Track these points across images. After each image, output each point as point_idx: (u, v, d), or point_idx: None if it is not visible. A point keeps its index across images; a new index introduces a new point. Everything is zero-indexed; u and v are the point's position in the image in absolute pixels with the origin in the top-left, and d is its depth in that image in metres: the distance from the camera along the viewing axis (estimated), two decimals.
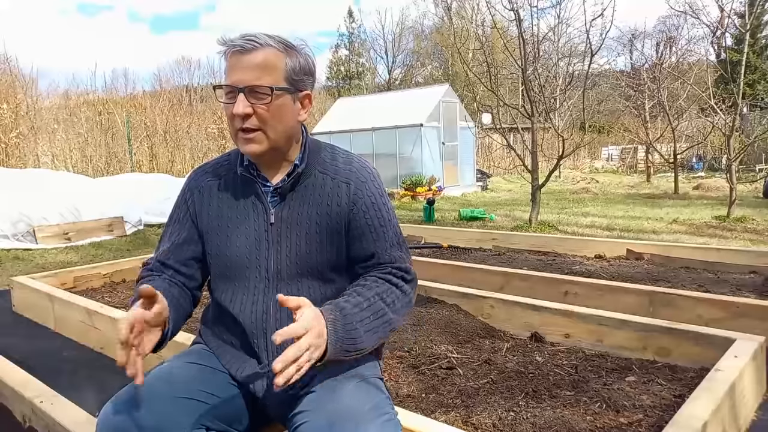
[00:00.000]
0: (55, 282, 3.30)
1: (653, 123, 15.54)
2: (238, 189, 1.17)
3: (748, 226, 5.75)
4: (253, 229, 1.14)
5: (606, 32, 6.01)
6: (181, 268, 1.19)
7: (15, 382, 1.82)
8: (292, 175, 1.14)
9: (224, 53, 1.08)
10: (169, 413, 0.97)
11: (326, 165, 1.18)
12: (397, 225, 1.21)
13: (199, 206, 1.20)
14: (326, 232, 1.14)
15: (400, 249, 1.18)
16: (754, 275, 3.27)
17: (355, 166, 1.19)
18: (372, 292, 1.08)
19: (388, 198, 1.23)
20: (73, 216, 5.73)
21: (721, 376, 1.56)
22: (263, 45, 1.06)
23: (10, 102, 10.38)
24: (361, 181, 1.17)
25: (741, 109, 6.59)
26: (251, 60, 1.06)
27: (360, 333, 1.02)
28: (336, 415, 0.94)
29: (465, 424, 1.58)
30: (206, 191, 1.20)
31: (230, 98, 1.07)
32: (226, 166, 1.22)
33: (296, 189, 1.15)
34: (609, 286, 2.70)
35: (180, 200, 1.24)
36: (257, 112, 1.07)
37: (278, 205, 1.14)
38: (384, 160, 11.64)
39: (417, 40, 33.32)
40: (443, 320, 2.50)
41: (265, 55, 1.06)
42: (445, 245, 4.77)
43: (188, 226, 1.20)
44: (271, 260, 1.13)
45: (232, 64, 1.07)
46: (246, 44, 1.05)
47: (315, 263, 1.13)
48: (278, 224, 1.13)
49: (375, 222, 1.16)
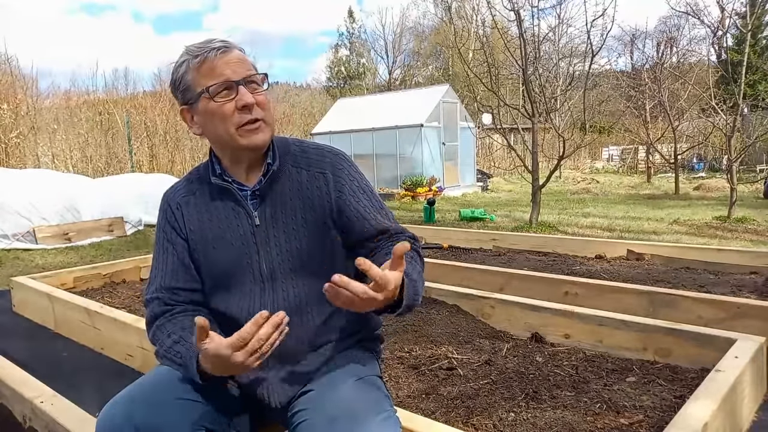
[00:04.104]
0: (55, 282, 3.30)
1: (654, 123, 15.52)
2: (215, 199, 1.16)
3: (748, 227, 5.75)
4: (238, 234, 1.13)
5: (607, 32, 6.00)
6: (194, 285, 1.17)
7: (15, 382, 1.82)
8: (268, 175, 1.13)
9: (200, 60, 1.06)
10: (169, 414, 0.97)
11: (298, 158, 1.18)
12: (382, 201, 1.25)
13: (181, 222, 1.17)
14: (313, 224, 1.14)
15: (396, 220, 1.23)
16: (754, 276, 3.27)
17: (328, 155, 1.19)
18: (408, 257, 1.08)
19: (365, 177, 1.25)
20: (73, 216, 5.73)
21: (721, 376, 1.56)
22: (233, 45, 1.11)
23: (10, 102, 10.40)
24: (338, 168, 1.17)
25: (742, 109, 6.59)
26: (234, 56, 1.08)
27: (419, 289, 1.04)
28: (335, 414, 0.94)
29: (465, 425, 1.58)
30: (184, 206, 1.18)
31: (225, 96, 1.06)
32: (198, 179, 1.20)
33: (274, 188, 1.14)
34: (609, 287, 2.70)
35: (161, 222, 1.21)
36: (258, 101, 1.08)
37: (260, 206, 1.14)
38: (384, 161, 11.65)
39: (417, 41, 33.32)
40: (443, 321, 2.50)
41: (239, 52, 1.11)
42: (445, 245, 4.77)
43: (180, 243, 1.17)
44: (263, 262, 1.12)
45: (218, 63, 1.06)
46: (225, 44, 1.08)
47: (307, 257, 1.13)
48: (263, 225, 1.13)
49: (368, 202, 1.18)
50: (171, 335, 1.08)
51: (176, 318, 1.12)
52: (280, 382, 1.10)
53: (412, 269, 1.05)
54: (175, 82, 1.12)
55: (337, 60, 34.49)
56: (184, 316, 1.12)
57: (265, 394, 1.11)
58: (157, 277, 1.17)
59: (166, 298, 1.14)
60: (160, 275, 1.16)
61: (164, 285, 1.15)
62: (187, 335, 1.05)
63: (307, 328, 1.12)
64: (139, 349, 2.25)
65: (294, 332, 1.12)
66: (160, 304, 1.14)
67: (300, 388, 1.09)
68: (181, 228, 1.17)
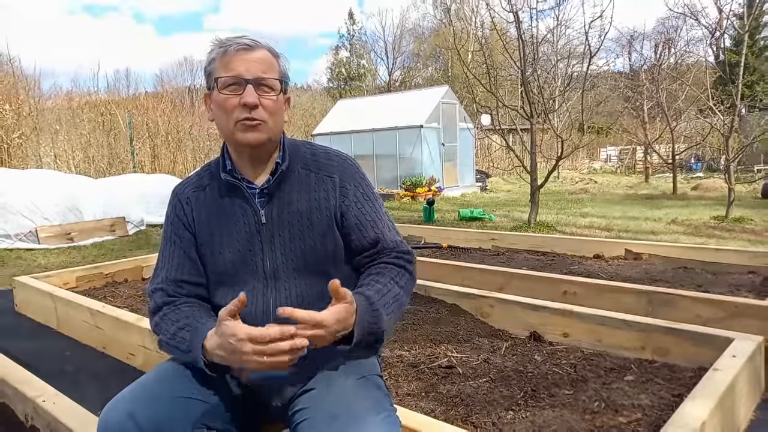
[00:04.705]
0: (58, 282, 3.31)
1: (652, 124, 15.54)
2: (224, 195, 1.18)
3: (746, 227, 5.77)
4: (244, 231, 1.15)
5: (605, 34, 6.04)
6: (199, 279, 1.18)
7: (17, 381, 1.83)
8: (277, 174, 1.15)
9: (223, 51, 1.10)
10: (170, 413, 0.98)
11: (308, 161, 1.21)
12: (386, 211, 1.25)
13: (190, 216, 1.20)
14: (317, 226, 1.15)
15: (397, 233, 1.22)
16: (752, 275, 3.28)
17: (336, 160, 1.22)
18: (387, 278, 1.11)
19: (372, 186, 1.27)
20: (75, 216, 5.74)
21: (719, 375, 1.56)
22: (262, 45, 1.12)
23: (12, 103, 10.39)
24: (346, 174, 1.20)
25: (739, 110, 6.60)
26: (256, 55, 1.10)
27: (383, 317, 1.04)
28: (336, 412, 0.95)
29: (464, 423, 1.59)
30: (193, 201, 1.20)
31: (232, 90, 1.09)
32: (208, 175, 1.23)
33: (282, 188, 1.17)
34: (608, 286, 2.71)
35: (170, 215, 1.23)
36: (264, 104, 1.10)
37: (266, 205, 1.16)
38: (384, 161, 11.66)
39: (417, 42, 33.31)
40: (443, 320, 2.51)
41: (265, 54, 1.12)
42: (444, 245, 4.78)
43: (187, 237, 1.19)
44: (266, 260, 1.14)
45: (236, 58, 1.09)
46: (250, 42, 1.10)
47: (310, 258, 1.15)
48: (269, 224, 1.15)
49: (370, 211, 1.19)
50: (176, 323, 1.09)
51: (180, 309, 1.13)
52: (280, 381, 1.11)
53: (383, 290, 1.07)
54: (204, 68, 1.16)
55: (337, 61, 34.47)
56: (189, 307, 1.13)
57: (266, 394, 1.12)
58: (162, 268, 1.19)
59: (171, 289, 1.16)
60: (166, 267, 1.18)
61: (170, 277, 1.17)
62: (193, 322, 1.06)
63: None
64: (141, 348, 2.27)
65: None
66: (163, 296, 1.15)
67: (301, 387, 1.10)
68: (189, 223, 1.19)
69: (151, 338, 2.18)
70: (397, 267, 1.15)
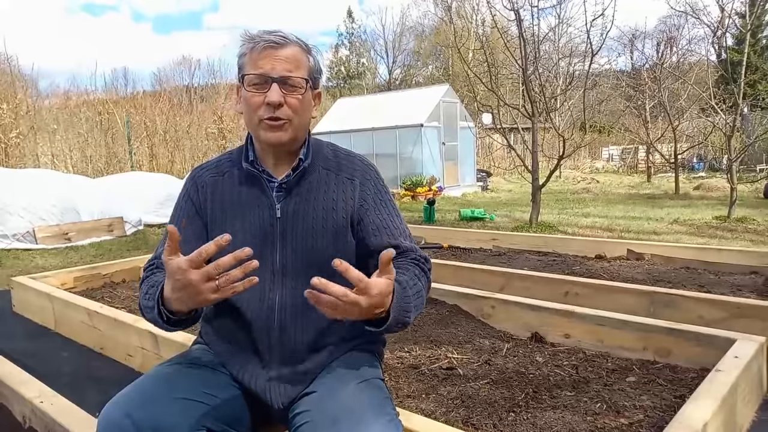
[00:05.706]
0: (55, 282, 3.30)
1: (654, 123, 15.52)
2: (242, 184, 1.18)
3: (748, 227, 5.75)
4: (258, 223, 1.14)
5: (606, 32, 6.01)
6: None
7: (15, 382, 1.82)
8: (298, 170, 1.15)
9: (252, 47, 1.10)
10: (170, 414, 0.97)
11: (329, 162, 1.20)
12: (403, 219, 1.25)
13: (203, 201, 1.18)
14: (332, 227, 1.15)
15: (413, 242, 1.22)
16: (754, 276, 3.27)
17: (358, 164, 1.22)
18: (411, 273, 1.10)
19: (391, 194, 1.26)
20: (72, 216, 5.73)
21: (721, 376, 1.56)
22: (292, 42, 1.11)
23: (10, 102, 10.38)
24: (366, 178, 1.20)
25: (742, 109, 6.59)
26: (283, 53, 1.09)
27: (411, 306, 1.02)
28: (337, 416, 0.94)
29: (465, 425, 1.58)
30: (209, 186, 1.19)
31: (258, 88, 1.09)
32: (229, 163, 1.22)
33: (301, 184, 1.16)
34: (609, 287, 2.70)
35: (182, 197, 1.22)
36: (289, 102, 1.10)
37: (284, 199, 1.15)
38: (384, 160, 11.63)
39: (417, 41, 33.32)
40: (443, 320, 2.50)
41: (294, 51, 1.11)
42: (445, 245, 4.77)
43: (195, 221, 1.18)
44: (276, 255, 1.13)
45: (263, 55, 1.08)
46: (278, 39, 1.09)
47: (320, 258, 1.13)
48: (284, 219, 1.14)
49: (387, 217, 1.19)
50: (150, 285, 1.06)
51: (157, 273, 1.10)
52: (281, 382, 1.10)
53: (410, 282, 1.05)
54: (237, 59, 1.16)
55: (337, 60, 34.50)
56: None
57: (267, 395, 1.10)
58: (161, 246, 1.16)
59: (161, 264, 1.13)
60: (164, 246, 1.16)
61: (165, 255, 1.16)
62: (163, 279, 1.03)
63: (312, 327, 1.12)
64: (140, 349, 2.25)
65: (298, 331, 1.12)
66: (152, 270, 1.13)
67: (302, 389, 1.09)
68: (203, 208, 1.18)
69: (150, 339, 2.17)
70: (417, 268, 1.14)
